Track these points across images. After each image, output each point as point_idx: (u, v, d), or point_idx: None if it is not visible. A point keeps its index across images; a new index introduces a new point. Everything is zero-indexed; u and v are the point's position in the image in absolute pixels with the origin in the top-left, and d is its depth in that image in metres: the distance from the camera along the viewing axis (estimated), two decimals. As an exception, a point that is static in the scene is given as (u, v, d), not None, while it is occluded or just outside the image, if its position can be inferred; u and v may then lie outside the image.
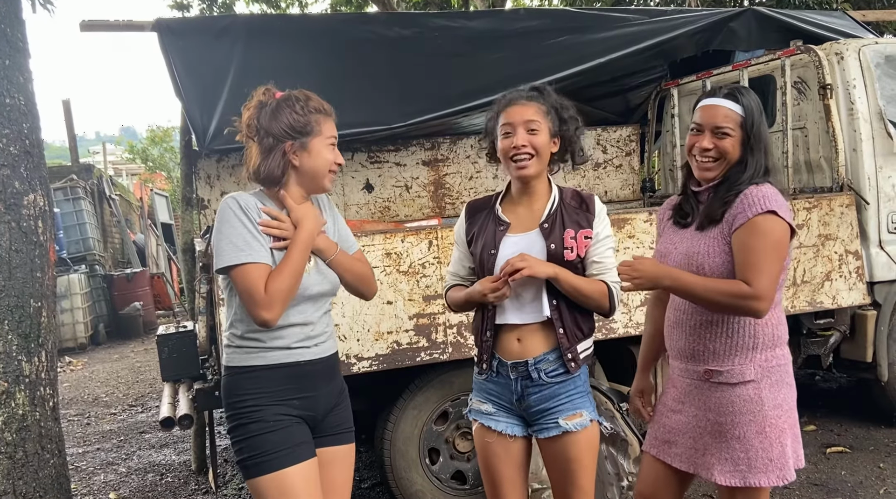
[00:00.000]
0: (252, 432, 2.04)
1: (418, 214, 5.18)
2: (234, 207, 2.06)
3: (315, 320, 2.15)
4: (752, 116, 2.16)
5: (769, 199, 2.08)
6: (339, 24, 4.66)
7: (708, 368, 2.20)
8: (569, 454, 2.23)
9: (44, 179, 2.96)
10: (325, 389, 2.18)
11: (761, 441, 2.12)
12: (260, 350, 2.08)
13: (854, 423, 4.78)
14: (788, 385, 2.20)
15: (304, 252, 2.07)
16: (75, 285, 10.22)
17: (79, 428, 6.13)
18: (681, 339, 2.26)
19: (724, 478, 2.15)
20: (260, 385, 2.07)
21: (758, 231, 2.07)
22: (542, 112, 2.23)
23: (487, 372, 2.32)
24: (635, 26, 4.55)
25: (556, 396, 2.24)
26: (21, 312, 2.79)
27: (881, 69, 4.32)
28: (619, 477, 3.53)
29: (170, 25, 4.05)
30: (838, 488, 3.85)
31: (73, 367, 9.03)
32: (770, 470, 2.12)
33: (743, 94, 2.19)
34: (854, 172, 4.24)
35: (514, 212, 2.32)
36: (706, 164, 2.21)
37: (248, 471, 2.04)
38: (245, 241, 2.02)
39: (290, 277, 2.02)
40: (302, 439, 2.08)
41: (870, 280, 4.17)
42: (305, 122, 2.11)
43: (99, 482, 4.76)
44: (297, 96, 2.15)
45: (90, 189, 12.42)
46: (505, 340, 2.27)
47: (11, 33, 2.84)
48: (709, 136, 2.19)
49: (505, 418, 2.31)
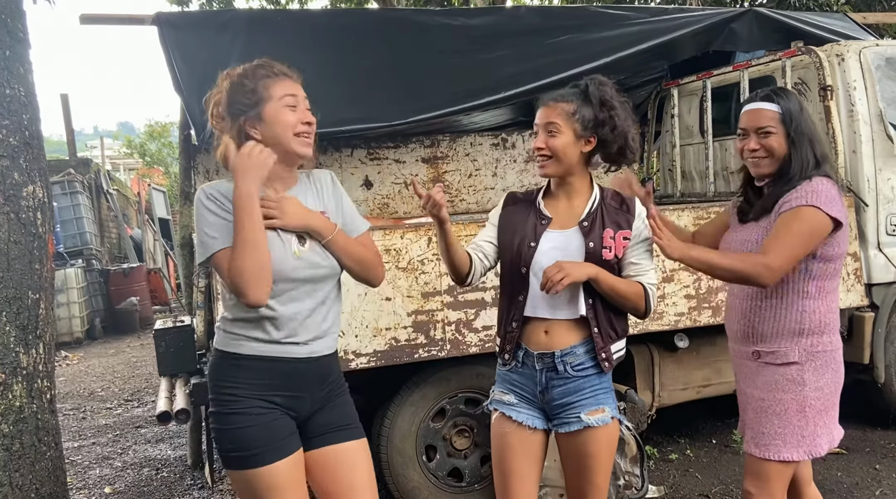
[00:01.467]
0: (233, 423, 1.94)
1: (417, 210, 5.18)
2: (202, 197, 1.97)
3: (308, 311, 2.01)
4: (789, 113, 2.30)
5: (818, 193, 2.22)
6: (340, 20, 4.65)
7: (756, 349, 2.35)
8: (588, 450, 2.22)
9: (43, 170, 2.95)
10: (311, 390, 2.05)
11: (799, 420, 2.27)
12: (244, 339, 1.98)
13: (850, 424, 4.74)
14: (834, 371, 2.32)
15: (243, 211, 1.86)
16: (72, 280, 10.19)
17: (74, 422, 6.12)
18: (734, 322, 2.44)
19: (758, 450, 2.31)
20: (240, 374, 1.97)
21: (796, 217, 2.22)
22: (566, 113, 2.21)
23: (512, 362, 2.30)
24: (636, 26, 4.54)
25: (581, 390, 2.23)
26: (19, 304, 2.78)
27: (882, 71, 4.32)
28: (615, 476, 3.53)
29: (170, 19, 4.04)
30: (834, 489, 3.86)
31: (70, 361, 9.01)
32: (801, 445, 2.27)
33: (779, 95, 2.35)
34: (853, 174, 4.25)
35: (554, 207, 2.31)
36: (758, 162, 2.36)
37: (231, 463, 1.97)
38: (216, 229, 1.92)
39: (242, 249, 1.85)
40: (285, 433, 1.99)
41: (868, 282, 4.17)
42: (252, 90, 1.98)
43: (94, 477, 4.75)
44: (245, 69, 2.03)
45: (87, 184, 12.39)
46: (532, 331, 2.26)
47: (12, 24, 2.83)
48: (754, 137, 2.35)
49: (526, 409, 2.30)
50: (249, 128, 2.00)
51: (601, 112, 2.21)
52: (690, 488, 3.97)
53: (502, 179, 5.49)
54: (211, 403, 2.02)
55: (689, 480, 4.08)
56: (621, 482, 3.54)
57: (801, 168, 2.29)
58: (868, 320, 4.20)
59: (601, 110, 2.21)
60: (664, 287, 3.69)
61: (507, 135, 5.48)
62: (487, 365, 3.49)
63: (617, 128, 2.22)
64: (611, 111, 2.22)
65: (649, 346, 4.01)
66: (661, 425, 4.55)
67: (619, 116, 2.22)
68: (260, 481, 1.92)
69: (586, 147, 2.24)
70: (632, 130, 2.27)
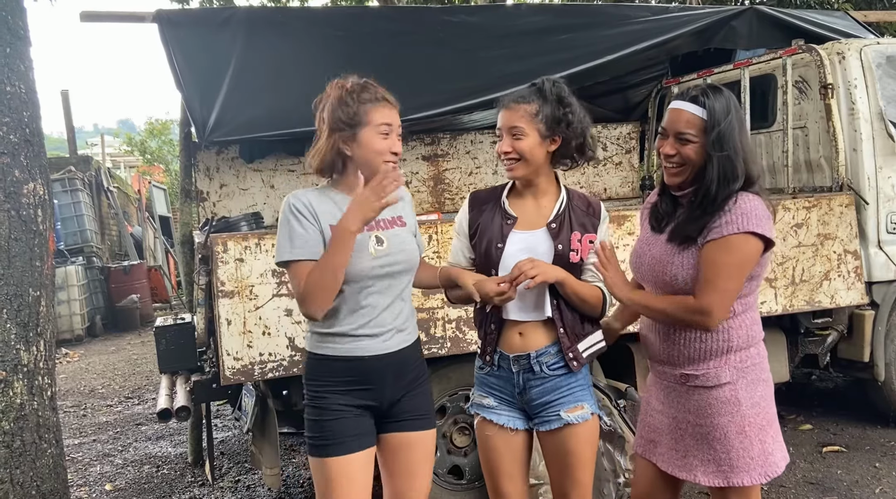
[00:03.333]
0: (315, 416, 2.16)
1: (418, 208, 5.18)
2: (289, 205, 2.12)
3: (383, 307, 2.16)
4: (714, 119, 2.06)
5: (747, 216, 2.03)
6: (340, 18, 4.65)
7: (684, 372, 2.18)
8: (568, 447, 2.24)
9: (44, 168, 2.95)
10: (392, 381, 2.19)
11: (741, 441, 2.11)
12: (327, 340, 2.16)
13: (850, 422, 4.79)
14: (764, 381, 2.18)
15: (339, 243, 2.02)
16: (72, 277, 10.20)
17: (75, 419, 6.13)
18: (655, 343, 2.26)
19: (707, 479, 2.14)
20: (324, 374, 2.16)
21: (726, 248, 2.04)
22: (528, 115, 2.20)
23: (489, 366, 2.32)
24: (637, 24, 4.54)
25: (558, 388, 2.25)
26: (20, 301, 2.79)
27: (882, 69, 4.32)
28: (615, 473, 3.54)
29: (170, 16, 4.04)
30: (834, 487, 3.86)
31: (70, 358, 9.02)
32: (752, 468, 2.11)
33: (710, 97, 2.10)
34: (854, 172, 4.25)
35: (521, 207, 2.30)
36: (671, 169, 2.16)
37: (312, 450, 2.17)
38: (292, 239, 2.08)
39: (321, 271, 2.03)
40: (359, 431, 2.16)
41: (868, 280, 4.18)
42: (353, 113, 2.12)
43: (95, 474, 4.76)
44: (353, 87, 2.16)
45: (88, 181, 12.38)
46: (507, 334, 2.27)
47: (13, 21, 2.83)
48: (671, 141, 2.14)
49: (507, 411, 2.31)
50: (343, 145, 2.14)
51: (558, 110, 2.21)
52: (690, 485, 3.96)
53: (502, 176, 5.48)
54: (304, 397, 2.22)
55: (688, 477, 4.08)
56: (621, 480, 3.54)
57: (718, 186, 2.06)
58: (868, 318, 4.20)
59: (559, 108, 2.21)
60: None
61: (507, 133, 5.46)
62: (488, 363, 3.50)
63: (573, 124, 2.22)
64: (567, 108, 2.21)
65: (649, 344, 4.01)
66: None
67: (576, 113, 2.23)
68: (327, 469, 2.13)
69: (552, 146, 2.23)
70: (589, 126, 2.28)
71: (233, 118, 3.88)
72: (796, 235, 3.94)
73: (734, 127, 2.09)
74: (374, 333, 2.15)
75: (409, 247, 2.24)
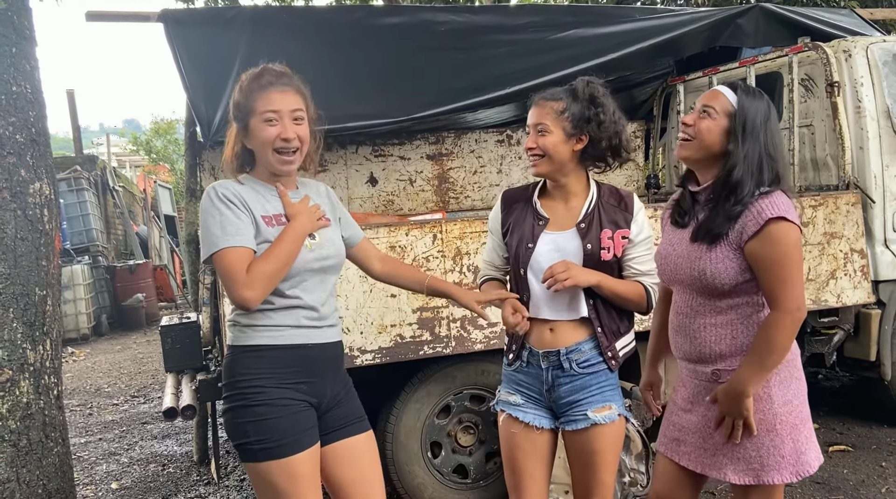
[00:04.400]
0: (259, 415, 1.98)
1: (422, 207, 5.18)
2: (213, 196, 2.01)
3: (322, 301, 2.11)
4: (745, 112, 2.10)
5: (776, 205, 2.04)
6: (345, 17, 4.65)
7: (716, 368, 2.17)
8: (594, 447, 2.23)
9: (49, 167, 2.96)
10: (331, 376, 2.14)
11: (772, 439, 2.10)
12: (267, 329, 2.03)
13: (857, 422, 4.78)
14: (797, 380, 2.16)
15: (293, 242, 2.01)
16: (78, 276, 10.23)
17: (81, 418, 6.15)
18: (685, 343, 2.23)
19: (737, 477, 2.13)
20: (264, 365, 2.02)
21: (774, 241, 2.03)
22: (554, 112, 2.21)
23: (517, 362, 2.31)
24: (642, 22, 4.53)
25: (587, 387, 2.24)
26: (26, 301, 2.79)
27: (888, 67, 4.30)
28: (620, 473, 3.53)
29: (175, 16, 4.04)
30: (840, 487, 3.85)
31: (76, 357, 9.05)
32: (783, 467, 2.09)
33: (744, 90, 2.15)
34: (860, 171, 4.23)
35: (551, 207, 2.30)
36: (682, 140, 2.19)
37: (254, 455, 1.99)
38: (223, 226, 1.97)
39: (275, 262, 1.96)
40: (308, 425, 2.04)
41: (874, 279, 4.15)
42: (243, 104, 2.04)
43: (101, 472, 4.77)
44: (248, 76, 2.08)
45: (94, 180, 12.42)
46: (537, 330, 2.26)
47: (18, 21, 2.84)
48: (696, 113, 2.18)
49: (533, 409, 2.30)
50: (243, 137, 2.07)
51: (589, 109, 2.20)
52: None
53: (507, 175, 5.49)
54: (230, 399, 2.05)
55: (694, 477, 4.07)
56: (626, 479, 3.54)
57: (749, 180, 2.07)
58: (875, 317, 4.18)
59: (589, 108, 2.20)
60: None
61: (511, 131, 5.47)
62: (492, 362, 3.49)
63: (605, 124, 2.20)
64: (599, 108, 2.20)
65: (655, 343, 4.00)
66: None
67: (609, 114, 2.22)
68: (283, 471, 1.97)
69: (577, 145, 2.22)
70: (624, 128, 2.26)
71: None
72: (802, 234, 3.91)
73: (769, 129, 2.12)
74: (314, 326, 2.08)
75: (338, 243, 2.20)
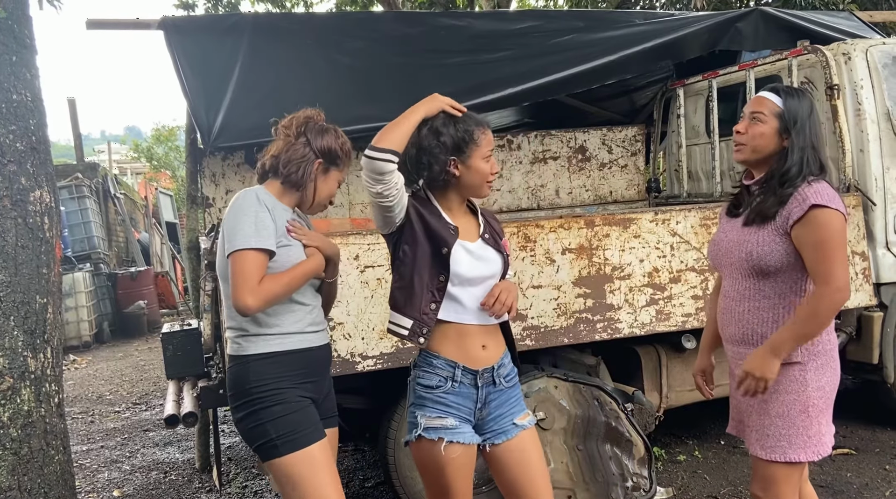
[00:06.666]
0: (277, 413, 2.16)
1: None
2: (257, 197, 2.20)
3: (313, 306, 2.32)
4: (792, 111, 2.25)
5: (821, 193, 2.17)
6: (345, 23, 4.66)
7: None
8: (530, 450, 2.25)
9: (50, 175, 2.96)
10: (326, 374, 2.37)
11: (803, 420, 2.23)
12: (273, 339, 2.21)
13: (860, 425, 4.76)
14: (833, 370, 2.30)
15: (307, 275, 2.23)
16: (80, 284, 10.23)
17: (83, 426, 6.14)
18: (731, 325, 2.37)
19: (764, 453, 2.27)
20: (281, 370, 2.20)
21: (818, 225, 2.16)
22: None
23: (448, 383, 2.19)
24: (641, 26, 4.54)
25: (510, 399, 2.28)
26: (27, 309, 2.79)
27: (888, 70, 4.30)
28: (623, 477, 3.53)
29: (176, 23, 4.06)
30: (843, 490, 3.83)
31: (78, 365, 9.05)
32: (808, 446, 2.23)
33: (787, 92, 2.30)
34: (861, 173, 4.23)
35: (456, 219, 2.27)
36: (737, 146, 2.34)
37: (278, 450, 2.14)
38: (258, 228, 2.13)
39: (284, 289, 2.16)
40: (317, 418, 2.25)
41: (876, 281, 4.15)
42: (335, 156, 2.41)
43: (103, 480, 4.76)
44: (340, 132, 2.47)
45: (95, 188, 12.43)
46: (469, 346, 2.20)
47: (19, 30, 2.85)
48: (746, 121, 2.32)
49: (468, 429, 2.21)
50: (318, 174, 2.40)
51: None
52: (699, 489, 3.95)
53: (508, 180, 5.49)
54: (249, 405, 2.19)
55: (697, 481, 4.07)
56: (629, 484, 3.53)
57: (800, 170, 2.22)
58: (877, 320, 4.18)
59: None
60: (671, 288, 3.68)
61: (512, 136, 5.48)
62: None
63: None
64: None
65: (656, 347, 4.00)
66: (668, 426, 4.54)
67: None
68: (304, 460, 2.14)
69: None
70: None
71: (238, 124, 3.90)
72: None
73: (813, 123, 2.27)
74: (313, 330, 2.29)
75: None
